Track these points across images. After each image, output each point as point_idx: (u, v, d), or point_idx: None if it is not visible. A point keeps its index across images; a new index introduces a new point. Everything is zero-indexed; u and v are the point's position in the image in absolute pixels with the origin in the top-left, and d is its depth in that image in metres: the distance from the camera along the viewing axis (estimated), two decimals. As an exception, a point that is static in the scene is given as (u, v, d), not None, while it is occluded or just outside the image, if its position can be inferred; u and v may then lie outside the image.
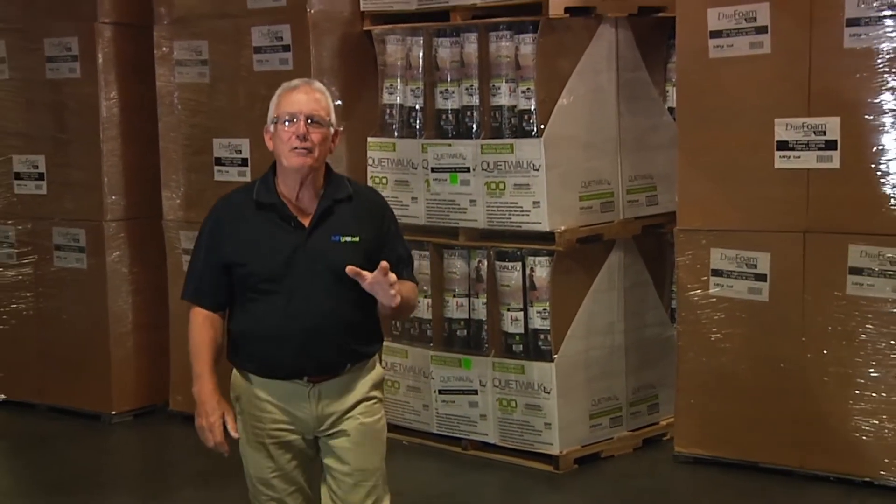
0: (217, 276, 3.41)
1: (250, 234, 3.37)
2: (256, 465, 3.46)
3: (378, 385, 3.58)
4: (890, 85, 5.02)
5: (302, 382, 3.38)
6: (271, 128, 3.37)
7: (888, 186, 5.05)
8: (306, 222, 3.36)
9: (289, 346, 3.33)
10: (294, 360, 3.35)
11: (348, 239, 3.36)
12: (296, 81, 3.44)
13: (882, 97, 5.04)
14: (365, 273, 3.21)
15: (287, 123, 3.30)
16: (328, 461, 3.47)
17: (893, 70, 5.01)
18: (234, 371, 3.51)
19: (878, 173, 5.06)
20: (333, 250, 3.34)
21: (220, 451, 3.34)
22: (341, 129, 3.60)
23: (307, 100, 3.33)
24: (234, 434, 3.33)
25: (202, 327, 3.43)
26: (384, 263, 3.19)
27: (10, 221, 6.85)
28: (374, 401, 3.53)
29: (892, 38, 4.99)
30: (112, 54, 6.49)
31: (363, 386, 3.48)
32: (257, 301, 3.35)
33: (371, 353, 3.54)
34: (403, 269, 3.49)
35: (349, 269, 3.21)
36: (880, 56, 5.02)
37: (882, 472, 5.10)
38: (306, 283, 3.32)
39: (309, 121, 3.29)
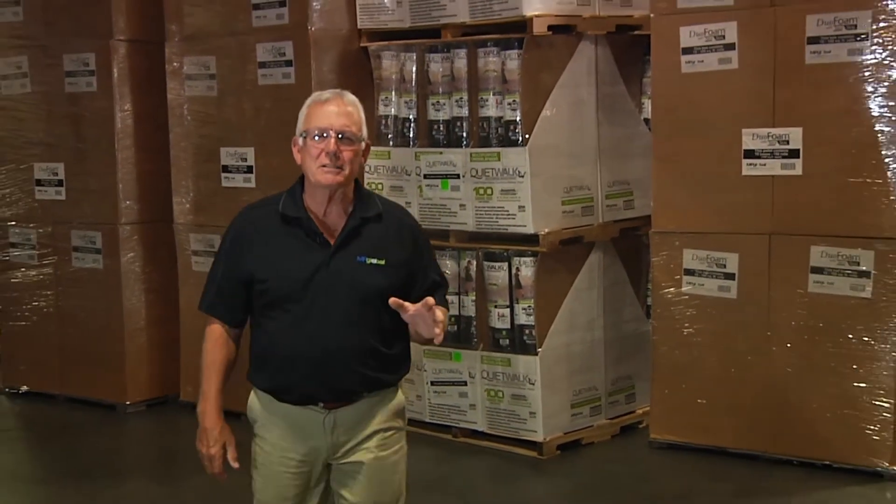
0: (235, 290, 3.11)
1: (273, 248, 3.04)
2: (265, 491, 3.18)
3: (399, 413, 3.22)
4: (847, 98, 5.04)
5: (317, 408, 3.06)
6: (300, 141, 3.05)
7: (847, 192, 5.07)
8: (332, 240, 3.04)
9: (303, 369, 3.02)
10: (308, 384, 3.04)
11: (374, 261, 3.03)
12: (327, 93, 3.10)
13: (839, 109, 5.05)
14: (407, 305, 2.91)
15: (317, 138, 2.99)
16: (341, 491, 3.16)
17: (850, 84, 5.02)
18: (252, 391, 3.21)
19: (838, 180, 5.08)
20: (358, 272, 3.02)
21: (217, 478, 3.13)
22: (370, 141, 3.23)
23: (338, 114, 3.01)
24: (234, 464, 3.09)
25: (216, 345, 3.13)
26: (430, 300, 2.89)
27: (31, 225, 6.87)
28: (393, 431, 3.18)
29: (848, 55, 5.00)
30: (126, 69, 6.50)
31: (382, 415, 3.14)
32: (274, 319, 3.05)
33: (394, 382, 3.18)
34: (437, 294, 3.11)
35: (392, 301, 2.91)
36: (838, 71, 5.04)
37: (841, 457, 5.12)
38: (327, 304, 3.00)
39: (340, 136, 2.98)
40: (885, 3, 4.95)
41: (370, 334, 3.02)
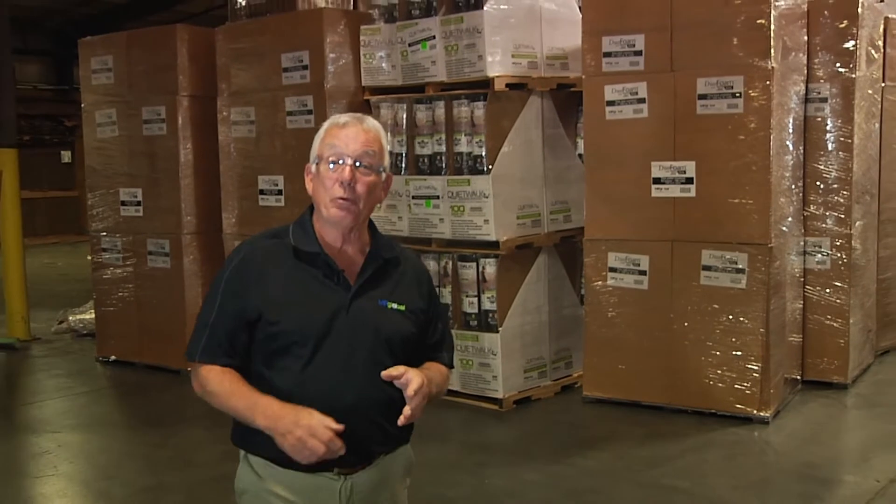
0: (233, 332, 2.08)
1: (284, 285, 2.08)
2: None
3: (409, 470, 2.29)
4: (727, 139, 5.10)
5: (331, 475, 2.09)
6: (313, 168, 2.14)
7: (728, 210, 5.14)
8: (351, 280, 2.12)
9: None
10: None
11: (394, 306, 2.14)
12: (345, 117, 2.15)
13: (721, 148, 5.12)
14: (405, 379, 2.03)
15: (332, 166, 2.08)
16: None
17: (729, 129, 5.08)
18: (242, 460, 2.18)
19: (721, 201, 5.16)
20: (381, 316, 2.12)
21: (335, 449, 1.98)
22: (391, 173, 2.22)
23: (356, 138, 2.09)
24: (336, 426, 1.97)
25: (223, 375, 2.09)
26: (410, 392, 2.02)
27: (117, 235, 6.97)
28: (405, 492, 2.28)
29: (727, 108, 5.08)
30: (188, 118, 6.59)
31: (395, 475, 2.22)
32: (284, 369, 2.06)
33: (408, 436, 2.23)
34: (445, 352, 2.30)
35: (390, 373, 2.04)
36: (720, 120, 5.11)
37: (723, 406, 5.22)
38: (347, 351, 2.06)
39: (357, 164, 2.07)
40: (752, 72, 5.01)
41: (391, 384, 2.07)
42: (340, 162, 2.07)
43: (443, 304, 2.41)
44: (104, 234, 7.08)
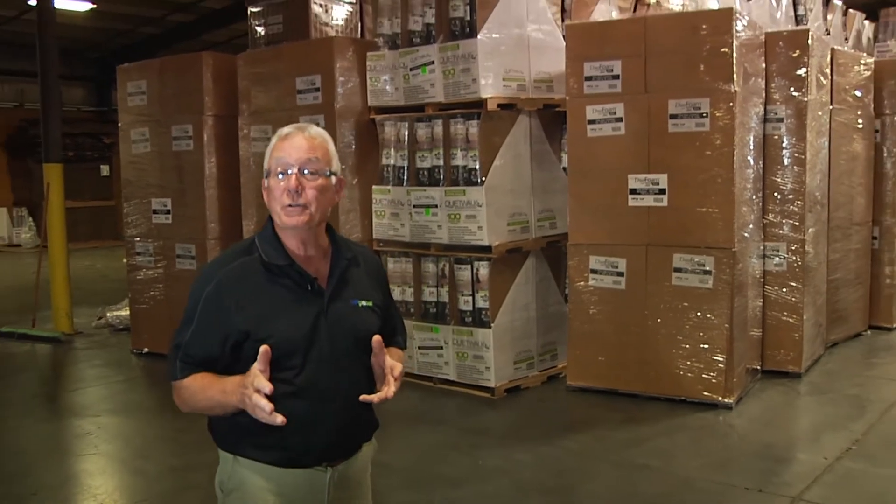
0: (208, 352, 1.94)
1: (265, 301, 1.93)
2: None
3: (374, 452, 2.17)
4: (695, 155, 5.09)
5: (321, 468, 1.98)
6: (265, 182, 1.99)
7: (696, 218, 5.14)
8: (322, 284, 1.99)
9: (321, 427, 1.94)
10: (327, 442, 1.97)
11: (364, 303, 2.03)
12: (289, 128, 1.99)
13: (690, 162, 5.12)
14: (384, 354, 1.96)
15: (280, 176, 1.93)
16: None
17: (697, 146, 5.08)
18: (229, 460, 2.02)
19: (690, 210, 5.16)
20: (355, 315, 2.01)
21: (274, 420, 1.79)
22: (343, 177, 2.04)
23: (300, 146, 1.93)
24: (264, 388, 1.79)
25: (195, 377, 1.96)
26: (397, 369, 1.96)
27: (149, 240, 6.97)
28: (369, 482, 2.15)
29: (696, 126, 5.08)
30: (213, 135, 6.60)
31: (368, 457, 2.13)
32: (278, 380, 1.85)
33: (378, 423, 2.13)
34: (399, 336, 2.21)
35: (375, 341, 1.96)
36: (689, 137, 5.09)
37: (691, 394, 5.22)
38: (332, 354, 1.95)
39: (304, 171, 1.92)
40: (717, 95, 5.00)
41: (366, 377, 2.01)
42: (289, 172, 1.93)
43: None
44: (138, 239, 7.08)
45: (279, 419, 1.77)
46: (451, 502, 3.94)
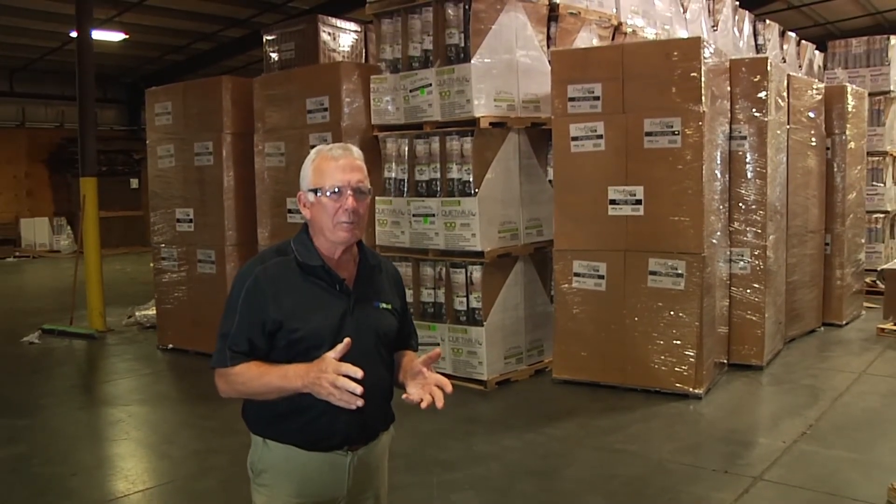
0: (253, 339, 1.90)
1: (298, 297, 1.92)
2: None
3: (391, 441, 2.14)
4: (668, 169, 5.04)
5: (341, 452, 1.97)
6: (310, 196, 1.95)
7: (669, 226, 5.11)
8: (350, 285, 2.00)
9: (344, 415, 1.85)
10: (347, 429, 1.95)
11: (385, 306, 2.04)
12: (337, 149, 1.96)
13: (664, 175, 5.05)
14: (426, 372, 1.93)
15: (330, 195, 1.91)
16: None
17: (669, 161, 5.02)
18: (259, 444, 2.00)
19: (664, 218, 5.12)
20: (377, 315, 2.01)
21: (356, 401, 1.74)
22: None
23: (352, 170, 1.93)
24: (355, 373, 1.75)
25: (250, 365, 1.89)
26: (444, 382, 1.91)
27: (174, 246, 6.93)
28: (385, 467, 2.13)
29: (668, 143, 5.05)
30: (231, 151, 6.55)
31: (385, 446, 2.10)
32: None
33: (394, 416, 2.11)
34: (413, 339, 2.19)
35: (419, 362, 1.92)
36: (663, 153, 5.06)
37: (665, 385, 5.18)
38: (356, 348, 1.84)
39: (357, 192, 1.94)
40: (687, 115, 4.98)
41: (388, 371, 2.03)
42: (346, 193, 1.91)
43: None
44: (163, 245, 7.04)
45: (359, 402, 1.75)
46: (447, 483, 3.91)
